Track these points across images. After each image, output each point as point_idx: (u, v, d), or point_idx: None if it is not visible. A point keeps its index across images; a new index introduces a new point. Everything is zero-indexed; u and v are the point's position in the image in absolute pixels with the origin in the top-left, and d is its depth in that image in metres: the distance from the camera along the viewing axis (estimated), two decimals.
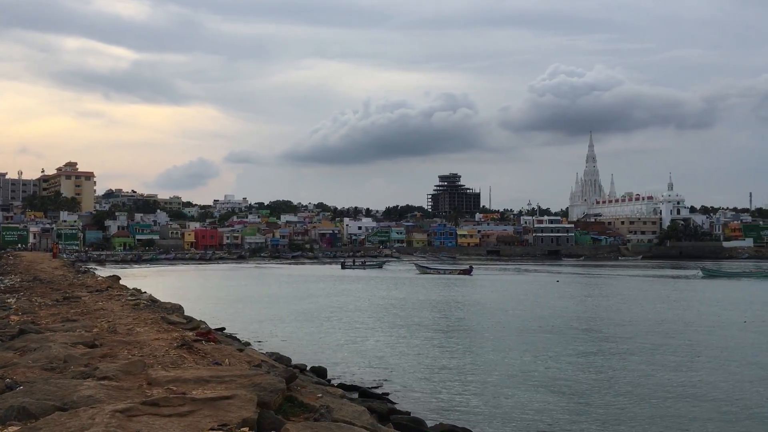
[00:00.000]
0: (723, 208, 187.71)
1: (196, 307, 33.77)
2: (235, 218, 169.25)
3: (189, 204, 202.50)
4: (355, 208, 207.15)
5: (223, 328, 26.47)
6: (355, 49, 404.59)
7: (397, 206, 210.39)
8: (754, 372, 19.58)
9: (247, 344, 21.78)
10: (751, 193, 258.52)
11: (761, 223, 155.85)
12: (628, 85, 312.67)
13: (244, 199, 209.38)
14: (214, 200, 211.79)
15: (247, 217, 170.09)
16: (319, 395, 9.39)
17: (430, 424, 13.32)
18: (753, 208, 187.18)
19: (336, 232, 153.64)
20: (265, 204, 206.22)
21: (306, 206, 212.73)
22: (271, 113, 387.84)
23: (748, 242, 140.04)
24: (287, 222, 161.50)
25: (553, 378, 18.72)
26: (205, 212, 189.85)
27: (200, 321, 17.78)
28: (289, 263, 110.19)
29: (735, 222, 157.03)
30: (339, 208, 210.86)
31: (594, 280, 66.11)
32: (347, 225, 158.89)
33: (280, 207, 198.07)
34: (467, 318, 33.53)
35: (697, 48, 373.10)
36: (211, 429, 6.52)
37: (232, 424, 6.62)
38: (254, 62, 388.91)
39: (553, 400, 16.22)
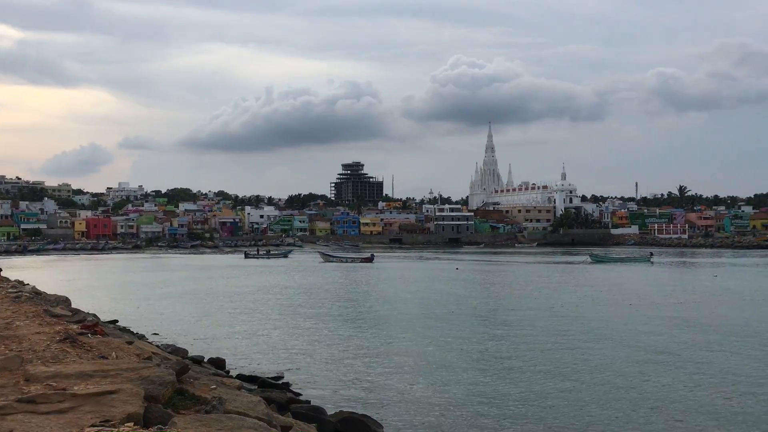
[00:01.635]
0: (611, 197, 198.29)
1: (86, 299, 32.27)
2: (130, 206, 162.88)
3: (80, 192, 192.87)
4: (257, 196, 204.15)
5: (116, 321, 25.39)
6: (256, 34, 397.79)
7: (300, 194, 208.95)
8: (643, 349, 20.72)
9: (141, 337, 21.00)
10: (636, 183, 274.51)
11: (646, 211, 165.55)
12: (526, 78, 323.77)
13: (140, 186, 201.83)
14: (108, 188, 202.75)
15: (143, 206, 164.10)
16: (213, 387, 9.09)
17: (330, 411, 13.28)
18: (638, 197, 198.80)
19: (237, 220, 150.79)
20: (163, 192, 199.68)
21: (206, 194, 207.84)
22: (169, 98, 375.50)
23: (634, 229, 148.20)
24: (186, 210, 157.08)
25: (453, 364, 19.09)
26: (97, 200, 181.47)
27: (88, 313, 16.91)
28: (189, 253, 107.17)
29: (622, 210, 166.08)
30: (240, 196, 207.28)
31: (492, 267, 68.09)
32: (249, 213, 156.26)
33: (178, 195, 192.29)
34: (369, 306, 33.72)
35: (589, 43, 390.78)
36: (93, 425, 6.14)
37: (115, 420, 6.26)
38: (150, 45, 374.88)
39: (453, 386, 16.53)
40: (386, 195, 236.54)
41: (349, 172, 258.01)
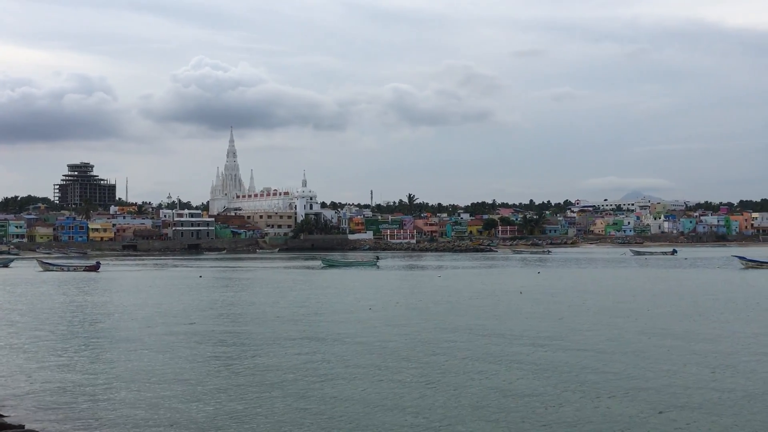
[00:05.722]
0: (349, 204, 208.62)
1: None
2: None
3: None
4: None
5: None
6: None
7: (17, 197, 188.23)
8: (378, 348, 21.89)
9: None
10: (372, 191, 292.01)
11: (380, 217, 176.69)
12: (270, 84, 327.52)
13: None
14: None
15: None
16: None
17: None
18: (374, 204, 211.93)
19: None
20: None
21: None
22: None
23: (369, 235, 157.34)
24: None
25: (192, 380, 18.39)
26: None
27: None
28: None
29: (358, 216, 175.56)
30: None
31: (236, 274, 67.36)
32: None
33: None
34: (94, 320, 31.11)
35: (329, 55, 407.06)
36: None
37: None
38: None
39: (191, 402, 15.92)
40: (120, 199, 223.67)
41: (76, 173, 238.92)
